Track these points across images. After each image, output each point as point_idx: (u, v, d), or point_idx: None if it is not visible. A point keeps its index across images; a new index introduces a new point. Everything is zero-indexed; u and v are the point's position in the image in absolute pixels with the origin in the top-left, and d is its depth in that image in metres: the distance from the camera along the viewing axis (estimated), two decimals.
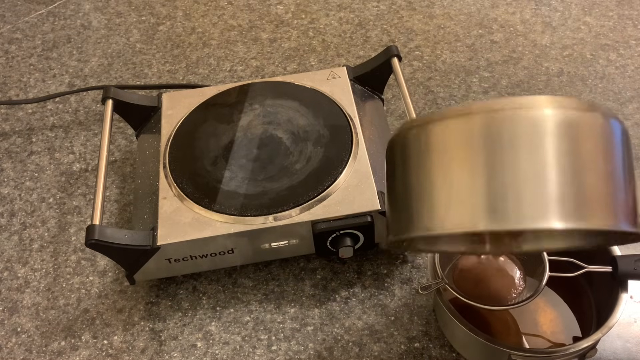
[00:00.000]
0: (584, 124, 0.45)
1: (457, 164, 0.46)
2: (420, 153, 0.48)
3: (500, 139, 0.44)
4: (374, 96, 0.90)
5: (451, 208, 0.45)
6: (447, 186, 0.46)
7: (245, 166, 0.78)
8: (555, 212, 0.43)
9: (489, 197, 0.44)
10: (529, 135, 0.44)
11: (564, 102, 0.45)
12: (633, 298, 0.75)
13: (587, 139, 0.45)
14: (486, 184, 0.44)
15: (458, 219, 0.45)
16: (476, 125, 0.45)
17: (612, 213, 0.45)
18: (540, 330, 0.71)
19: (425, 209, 0.47)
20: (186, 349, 0.74)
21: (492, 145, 0.45)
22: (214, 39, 1.14)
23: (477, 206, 0.44)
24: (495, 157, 0.44)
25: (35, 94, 1.06)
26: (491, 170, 0.44)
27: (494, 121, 0.45)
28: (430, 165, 0.47)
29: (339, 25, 1.14)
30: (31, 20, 1.21)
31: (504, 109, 0.45)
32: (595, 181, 0.44)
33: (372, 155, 0.78)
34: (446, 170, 0.46)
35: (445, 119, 0.47)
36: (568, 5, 1.15)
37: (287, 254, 0.77)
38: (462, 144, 0.46)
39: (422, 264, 0.80)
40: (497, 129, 0.45)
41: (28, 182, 0.93)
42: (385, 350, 0.72)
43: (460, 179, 0.45)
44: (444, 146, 0.47)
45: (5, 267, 0.83)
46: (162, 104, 0.87)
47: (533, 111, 0.45)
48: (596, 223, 0.44)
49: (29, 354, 0.75)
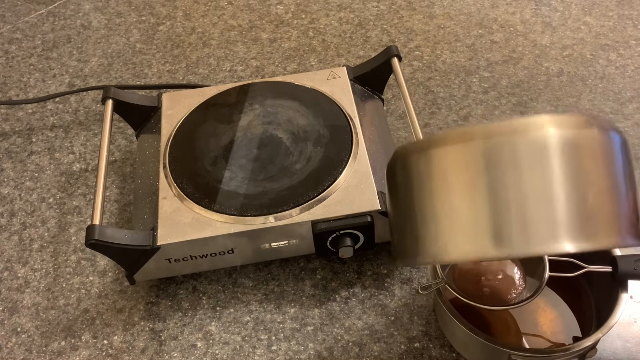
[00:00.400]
0: (583, 141, 0.45)
1: (458, 190, 0.46)
2: (421, 179, 0.48)
3: (501, 163, 0.44)
4: (374, 96, 0.90)
5: (456, 236, 0.46)
6: (450, 213, 0.46)
7: (245, 166, 0.78)
8: (562, 235, 0.43)
9: (493, 222, 0.44)
10: (529, 158, 0.44)
11: (562, 121, 0.45)
12: (633, 298, 0.75)
13: (587, 156, 0.45)
14: (489, 209, 0.44)
15: (463, 247, 0.45)
16: (476, 151, 0.45)
17: (617, 230, 0.45)
18: (540, 330, 0.71)
19: (430, 236, 0.47)
20: (186, 349, 0.74)
21: (493, 169, 0.45)
22: (214, 39, 1.14)
23: (481, 232, 0.44)
24: (497, 181, 0.44)
25: (35, 94, 1.06)
26: (493, 194, 0.44)
27: (494, 146, 0.45)
28: (432, 191, 0.47)
29: (339, 25, 1.14)
30: (31, 20, 1.21)
31: (502, 133, 0.45)
32: (599, 199, 0.44)
33: (372, 155, 0.78)
34: (448, 196, 0.46)
35: (445, 145, 0.47)
36: (568, 5, 1.15)
37: (287, 254, 0.77)
38: (462, 169, 0.46)
39: None
40: (497, 154, 0.45)
41: (28, 182, 0.93)
42: (385, 350, 0.72)
43: (463, 205, 0.45)
44: (444, 172, 0.47)
45: (5, 267, 0.83)
46: (162, 104, 0.87)
47: (532, 133, 0.45)
48: (602, 242, 0.44)
49: (29, 354, 0.75)
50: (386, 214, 0.72)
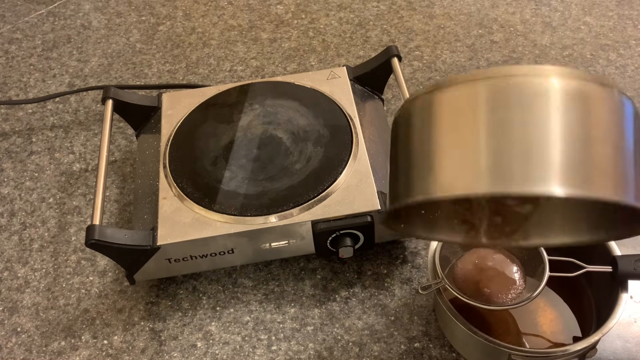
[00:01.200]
0: (595, 95, 0.44)
1: (459, 128, 0.45)
2: (424, 120, 0.47)
3: (507, 103, 0.43)
4: (374, 96, 0.90)
5: (450, 171, 0.44)
6: (448, 149, 0.45)
7: (245, 166, 0.78)
8: (558, 178, 0.42)
9: (490, 160, 0.43)
10: (537, 101, 0.43)
11: (574, 72, 0.44)
12: (633, 298, 0.75)
13: (598, 110, 0.44)
14: (487, 147, 0.43)
15: (457, 182, 0.44)
16: (483, 91, 0.44)
17: (620, 185, 0.43)
18: (540, 330, 0.71)
19: (424, 172, 0.46)
20: (186, 349, 0.74)
21: (498, 109, 0.44)
22: (214, 39, 1.14)
23: (477, 169, 0.43)
24: (497, 121, 0.43)
25: (35, 94, 1.06)
26: (496, 134, 0.43)
27: (502, 87, 0.44)
28: (434, 130, 0.46)
29: (339, 25, 1.14)
30: (31, 20, 1.21)
31: (512, 75, 0.44)
32: (605, 152, 0.43)
33: (372, 155, 0.78)
34: (450, 133, 0.45)
35: (451, 86, 0.46)
36: (568, 5, 1.15)
37: (287, 254, 0.77)
38: (467, 108, 0.45)
39: (422, 264, 0.80)
40: (505, 94, 0.44)
41: (28, 182, 0.93)
42: (385, 350, 0.73)
43: (461, 142, 0.44)
44: (449, 111, 0.46)
45: (5, 267, 0.83)
46: (162, 104, 0.87)
47: (543, 79, 0.44)
48: (603, 192, 0.42)
49: (29, 354, 0.75)
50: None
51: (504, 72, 0.45)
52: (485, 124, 0.44)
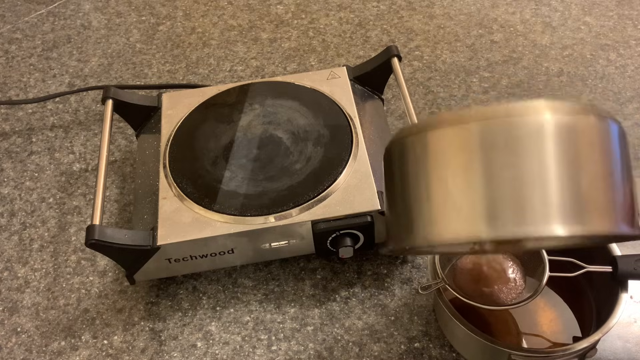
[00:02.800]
0: (580, 127, 0.45)
1: (454, 172, 0.46)
2: (417, 161, 0.48)
3: (497, 146, 0.44)
4: (374, 96, 0.90)
5: (449, 217, 0.45)
6: (445, 194, 0.46)
7: (245, 166, 0.78)
8: (557, 218, 0.43)
9: (488, 204, 0.44)
10: (525, 141, 0.44)
11: (559, 106, 0.45)
12: (633, 298, 0.75)
13: (584, 142, 0.45)
14: (484, 191, 0.44)
15: (457, 228, 0.45)
16: (472, 133, 0.45)
17: (611, 217, 0.45)
18: (540, 330, 0.71)
19: (423, 218, 0.47)
20: (186, 349, 0.74)
21: (489, 152, 0.45)
22: (214, 39, 1.14)
23: (475, 214, 0.44)
24: (492, 164, 0.44)
25: (35, 94, 1.06)
26: (489, 177, 0.44)
27: (490, 129, 0.45)
28: (427, 173, 0.47)
29: (339, 25, 1.14)
30: (31, 20, 1.21)
31: (499, 116, 0.45)
32: (594, 185, 0.44)
33: (372, 155, 0.78)
34: (443, 178, 0.46)
35: (442, 127, 0.47)
36: (568, 5, 1.15)
37: (287, 254, 0.77)
38: (458, 151, 0.46)
39: (422, 264, 0.80)
40: (494, 137, 0.45)
41: (28, 182, 0.93)
42: (385, 350, 0.72)
43: (458, 186, 0.45)
44: (440, 154, 0.47)
45: (5, 267, 0.83)
46: (162, 104, 0.87)
47: (529, 117, 0.45)
48: (596, 227, 0.44)
49: (29, 354, 0.75)
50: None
51: (495, 112, 0.46)
52: (480, 168, 0.45)
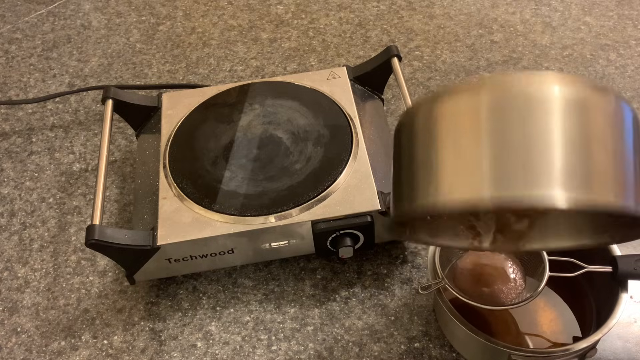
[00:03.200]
0: (594, 102, 0.45)
1: (461, 136, 0.45)
2: (426, 130, 0.48)
3: (509, 112, 0.44)
4: (374, 96, 0.90)
5: (455, 178, 0.45)
6: (451, 157, 0.45)
7: (245, 166, 0.78)
8: (563, 182, 0.42)
9: (493, 166, 0.43)
10: (535, 109, 0.44)
11: (575, 80, 0.45)
12: (633, 298, 0.75)
13: (597, 117, 0.44)
14: (490, 155, 0.44)
15: (461, 189, 0.44)
16: (483, 100, 0.45)
17: (618, 191, 0.43)
18: (540, 330, 0.71)
19: (428, 184, 0.46)
20: (186, 349, 0.74)
21: (501, 118, 0.44)
22: (214, 39, 1.14)
23: (481, 175, 0.43)
24: (500, 129, 0.44)
25: (35, 94, 1.06)
26: (496, 141, 0.44)
27: (501, 96, 0.45)
28: (436, 141, 0.47)
29: (339, 25, 1.14)
30: (31, 20, 1.21)
31: (510, 84, 0.45)
32: (603, 158, 0.43)
33: (372, 155, 0.78)
34: (450, 142, 0.46)
35: (454, 94, 0.46)
36: (568, 5, 1.15)
37: (287, 254, 0.77)
38: (467, 117, 0.45)
39: (422, 264, 0.80)
40: (503, 103, 0.44)
41: (28, 182, 0.93)
42: (385, 350, 0.72)
43: (465, 150, 0.45)
44: (449, 120, 0.46)
45: (5, 267, 0.83)
46: (162, 104, 0.87)
47: (543, 87, 0.44)
48: (602, 198, 0.43)
49: (29, 354, 0.75)
50: (386, 213, 0.72)
51: (504, 81, 0.45)
52: (487, 135, 0.44)
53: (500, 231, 0.58)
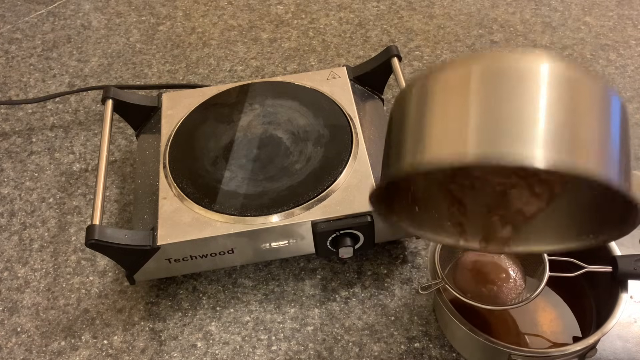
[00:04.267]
0: (584, 83, 0.45)
1: (452, 101, 0.46)
2: (419, 99, 0.48)
3: (498, 81, 0.45)
4: (374, 96, 0.90)
5: (442, 138, 0.45)
6: (437, 122, 0.46)
7: (245, 166, 0.78)
8: (547, 143, 0.42)
9: (478, 128, 0.44)
10: (527, 80, 0.44)
11: (567, 61, 0.45)
12: (633, 298, 0.75)
13: (586, 96, 0.45)
14: (475, 118, 0.44)
15: (447, 147, 0.45)
16: (475, 70, 0.46)
17: (606, 164, 0.43)
18: (540, 330, 0.71)
19: (414, 144, 0.47)
20: (186, 349, 0.74)
21: (489, 85, 0.45)
22: (214, 39, 1.14)
23: (464, 135, 0.44)
24: (491, 95, 0.44)
25: (35, 94, 1.06)
26: (486, 105, 0.44)
27: (494, 67, 0.45)
28: (427, 106, 0.47)
29: (339, 25, 1.14)
30: (31, 20, 1.21)
31: (505, 59, 0.45)
32: (591, 132, 0.44)
33: (372, 155, 0.78)
34: (442, 107, 0.46)
35: (446, 68, 0.47)
36: (568, 5, 1.15)
37: (287, 254, 0.77)
38: (459, 85, 0.46)
39: (422, 264, 0.80)
40: (496, 74, 0.45)
41: (28, 182, 0.93)
42: (385, 350, 0.73)
43: (454, 113, 0.45)
44: (441, 88, 0.47)
45: (5, 267, 0.83)
46: (162, 104, 0.87)
47: (535, 62, 0.45)
48: (584, 165, 0.43)
49: (29, 354, 0.75)
50: None
51: (496, 55, 0.46)
52: (475, 99, 0.45)
53: (487, 229, 0.58)
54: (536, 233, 0.58)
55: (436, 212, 0.59)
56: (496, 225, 0.57)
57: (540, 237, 0.58)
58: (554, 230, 0.57)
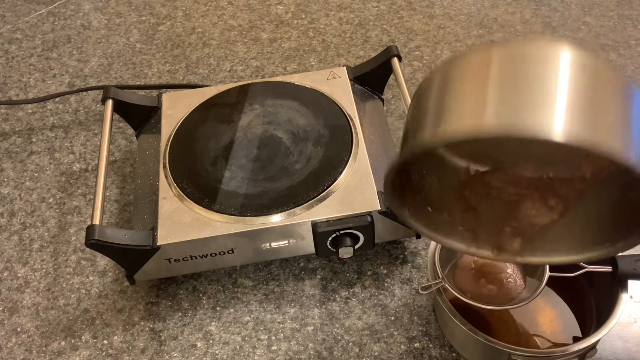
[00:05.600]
0: (607, 71, 0.45)
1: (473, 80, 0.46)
2: (439, 83, 0.48)
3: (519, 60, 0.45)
4: (374, 96, 0.90)
5: (460, 112, 0.45)
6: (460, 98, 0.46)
7: (245, 166, 0.78)
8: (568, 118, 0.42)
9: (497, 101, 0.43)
10: (549, 62, 0.44)
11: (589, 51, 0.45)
12: (633, 298, 0.75)
13: (608, 82, 0.44)
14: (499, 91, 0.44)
15: (464, 120, 0.44)
16: (497, 52, 0.46)
17: (629, 145, 0.42)
18: (540, 330, 0.71)
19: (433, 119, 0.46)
20: (186, 349, 0.74)
21: (510, 65, 0.45)
22: (214, 39, 1.14)
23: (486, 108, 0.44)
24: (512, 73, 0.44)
25: (35, 94, 1.06)
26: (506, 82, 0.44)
27: (516, 52, 0.45)
28: (447, 86, 0.47)
29: (339, 25, 1.14)
30: (31, 20, 1.21)
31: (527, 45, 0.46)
32: (614, 115, 0.43)
33: (372, 155, 0.78)
34: (461, 87, 0.46)
35: (467, 54, 0.48)
36: (568, 5, 1.15)
37: (287, 254, 0.77)
38: (480, 66, 0.46)
39: (422, 264, 0.80)
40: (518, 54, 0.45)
41: (28, 182, 0.93)
42: (385, 350, 0.73)
43: (474, 91, 0.45)
44: (462, 70, 0.47)
45: (5, 267, 0.83)
46: (162, 104, 0.87)
47: (557, 49, 0.45)
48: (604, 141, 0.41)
49: (29, 354, 0.75)
50: (386, 213, 0.72)
51: (517, 43, 0.47)
52: (495, 75, 0.45)
53: (498, 244, 0.57)
54: (551, 244, 0.57)
55: (449, 215, 0.58)
56: (508, 236, 0.57)
57: (555, 247, 0.57)
58: (570, 241, 0.57)
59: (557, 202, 0.55)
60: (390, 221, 0.74)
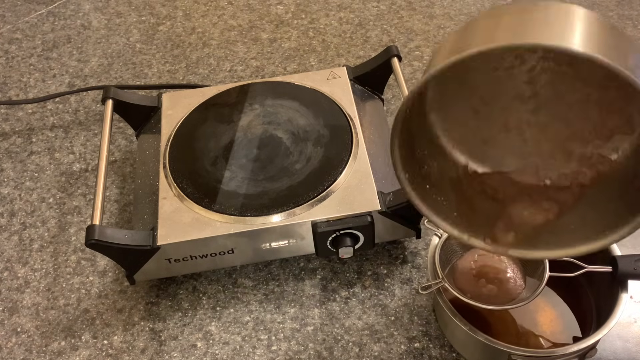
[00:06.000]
0: (617, 30, 0.48)
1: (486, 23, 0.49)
2: (456, 34, 0.51)
3: (532, 7, 0.48)
4: (374, 96, 0.90)
5: (473, 41, 0.47)
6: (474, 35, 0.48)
7: (245, 166, 0.78)
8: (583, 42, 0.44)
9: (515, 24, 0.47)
10: (562, 10, 0.47)
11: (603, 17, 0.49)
12: (633, 298, 0.75)
13: (620, 37, 0.47)
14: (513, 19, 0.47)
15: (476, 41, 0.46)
16: (510, 6, 0.49)
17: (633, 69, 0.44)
18: (540, 330, 0.71)
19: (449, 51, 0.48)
20: (186, 349, 0.74)
21: (524, 9, 0.48)
22: (214, 39, 1.14)
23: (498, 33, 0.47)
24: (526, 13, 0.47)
25: (35, 94, 1.06)
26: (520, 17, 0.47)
27: (529, 4, 0.48)
28: (463, 33, 0.50)
29: (339, 25, 1.14)
30: (31, 20, 1.21)
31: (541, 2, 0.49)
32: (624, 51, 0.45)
33: (372, 155, 0.78)
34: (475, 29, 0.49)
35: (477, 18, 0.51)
36: None
37: (287, 254, 0.77)
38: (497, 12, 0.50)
39: (422, 264, 0.80)
40: (531, 3, 0.48)
41: (28, 182, 0.93)
42: (385, 350, 0.73)
43: (487, 28, 0.48)
44: (477, 21, 0.50)
45: (5, 267, 0.83)
46: (162, 104, 0.87)
47: (570, 6, 0.48)
48: (625, 64, 0.43)
49: (29, 354, 0.75)
50: (386, 214, 0.72)
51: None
52: (507, 13, 0.48)
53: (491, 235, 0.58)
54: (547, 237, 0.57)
55: (445, 200, 0.59)
56: (501, 230, 0.57)
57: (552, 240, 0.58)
58: (569, 235, 0.57)
59: (551, 206, 0.55)
60: (391, 221, 0.74)
